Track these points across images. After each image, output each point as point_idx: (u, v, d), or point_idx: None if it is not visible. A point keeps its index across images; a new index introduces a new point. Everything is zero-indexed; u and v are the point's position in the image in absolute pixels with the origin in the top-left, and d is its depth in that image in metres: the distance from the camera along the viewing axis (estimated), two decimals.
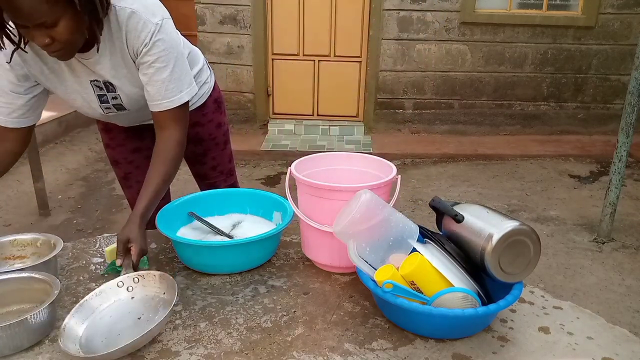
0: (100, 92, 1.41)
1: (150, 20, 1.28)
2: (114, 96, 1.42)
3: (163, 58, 1.32)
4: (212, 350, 1.05)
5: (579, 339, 1.10)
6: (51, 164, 4.50)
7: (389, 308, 1.14)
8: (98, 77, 1.37)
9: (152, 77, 1.33)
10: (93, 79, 1.37)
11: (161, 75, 1.33)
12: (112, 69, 1.35)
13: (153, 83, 1.34)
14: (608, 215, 3.29)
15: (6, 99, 1.35)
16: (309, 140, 5.24)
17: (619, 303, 2.69)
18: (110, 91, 1.41)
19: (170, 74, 1.34)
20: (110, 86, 1.39)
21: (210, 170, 1.83)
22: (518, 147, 5.08)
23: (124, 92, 1.41)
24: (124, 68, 1.36)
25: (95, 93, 1.41)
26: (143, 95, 1.40)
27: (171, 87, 1.35)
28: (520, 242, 1.09)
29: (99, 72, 1.35)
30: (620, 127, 3.15)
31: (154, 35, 1.28)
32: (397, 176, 1.37)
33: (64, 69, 1.35)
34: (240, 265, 1.35)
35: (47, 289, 1.11)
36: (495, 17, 5.20)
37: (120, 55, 1.33)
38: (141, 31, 1.28)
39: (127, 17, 1.27)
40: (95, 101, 1.43)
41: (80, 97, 1.42)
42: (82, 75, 1.36)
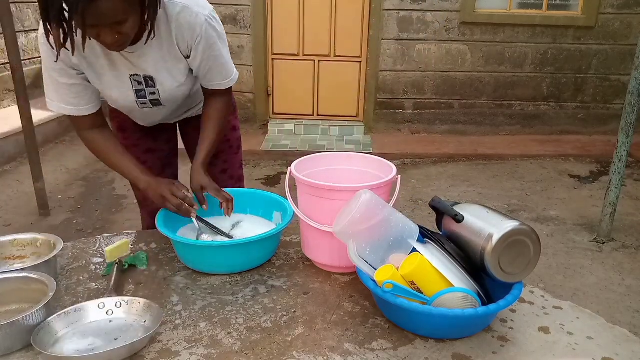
0: (139, 87, 1.43)
1: (202, 13, 1.35)
2: (152, 91, 1.45)
3: (217, 46, 1.42)
4: (212, 350, 1.05)
5: (579, 339, 1.10)
6: (51, 164, 4.50)
7: (389, 308, 1.14)
8: (139, 72, 1.40)
9: (212, 65, 1.44)
10: (133, 73, 1.40)
11: (219, 60, 1.45)
12: (156, 62, 1.38)
13: (213, 70, 1.46)
14: (608, 215, 3.29)
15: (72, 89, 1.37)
16: (309, 140, 5.24)
17: (619, 303, 2.69)
18: (150, 86, 1.44)
19: (224, 58, 1.46)
20: (150, 81, 1.42)
21: (220, 174, 1.82)
22: (518, 147, 5.08)
23: (164, 87, 1.45)
24: (168, 62, 1.40)
25: (133, 88, 1.43)
26: (181, 90, 1.48)
27: (228, 68, 1.49)
28: (520, 242, 1.09)
29: (142, 66, 1.38)
30: (620, 127, 3.15)
31: (207, 27, 1.37)
32: (397, 176, 1.37)
33: (104, 64, 1.36)
34: (240, 265, 1.35)
35: (44, 289, 1.11)
36: (495, 17, 5.20)
37: (167, 49, 1.37)
38: (195, 24, 1.34)
39: (179, 12, 1.32)
40: (132, 95, 1.45)
41: (118, 90, 1.43)
42: (122, 69, 1.39)
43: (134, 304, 1.13)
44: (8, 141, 4.45)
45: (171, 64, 1.41)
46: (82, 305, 1.12)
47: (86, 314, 1.11)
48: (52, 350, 1.02)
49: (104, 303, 1.13)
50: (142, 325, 1.10)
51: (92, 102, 1.42)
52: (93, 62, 1.36)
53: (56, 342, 1.05)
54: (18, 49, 3.36)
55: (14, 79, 3.34)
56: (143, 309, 1.12)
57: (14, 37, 3.29)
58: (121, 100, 1.47)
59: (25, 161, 3.98)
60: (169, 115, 1.65)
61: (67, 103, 1.39)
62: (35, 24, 5.59)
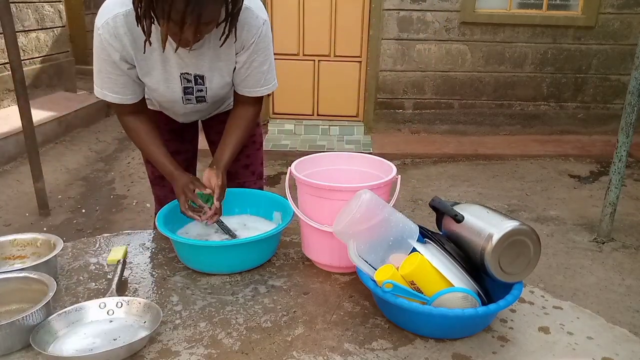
0: (187, 84, 1.46)
1: (260, 16, 1.39)
2: (200, 89, 1.47)
3: (265, 52, 1.44)
4: (212, 350, 1.05)
5: (579, 339, 1.10)
6: (51, 164, 4.50)
7: (389, 308, 1.14)
8: (190, 70, 1.42)
9: (255, 69, 1.45)
10: (184, 71, 1.42)
11: (262, 67, 1.46)
12: (211, 61, 1.41)
13: (254, 75, 1.46)
14: (608, 215, 3.29)
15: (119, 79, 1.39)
16: (309, 140, 5.24)
17: (619, 303, 2.69)
18: (198, 84, 1.46)
19: (269, 65, 1.48)
20: (199, 79, 1.45)
21: (242, 169, 1.82)
22: (518, 147, 5.08)
23: (212, 85, 1.47)
24: (222, 61, 1.42)
25: (182, 85, 1.45)
26: (226, 89, 1.51)
27: (268, 77, 1.50)
28: (520, 242, 1.09)
29: (196, 65, 1.41)
30: (620, 127, 3.15)
31: (262, 31, 1.40)
32: (397, 176, 1.37)
33: (157, 59, 1.38)
34: (240, 265, 1.35)
35: (44, 289, 1.11)
36: (495, 17, 5.20)
37: (224, 48, 1.39)
38: (253, 26, 1.38)
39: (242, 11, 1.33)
40: (179, 92, 1.47)
41: (165, 86, 1.45)
42: (174, 67, 1.41)
43: (134, 304, 1.13)
44: (8, 141, 4.45)
45: (224, 63, 1.43)
46: (82, 305, 1.12)
47: (86, 314, 1.11)
48: (52, 350, 1.02)
49: (105, 303, 1.13)
50: (141, 326, 1.10)
51: (136, 93, 1.45)
52: (147, 56, 1.38)
53: (56, 341, 1.04)
54: (18, 49, 3.36)
55: (14, 79, 3.34)
56: (143, 309, 1.12)
57: (14, 37, 3.29)
58: (167, 95, 1.48)
59: (25, 161, 3.98)
60: (205, 112, 1.67)
61: (113, 92, 1.42)
62: (35, 24, 5.59)
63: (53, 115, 5.13)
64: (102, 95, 1.42)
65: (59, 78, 6.04)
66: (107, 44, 1.31)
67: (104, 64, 1.37)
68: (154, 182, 1.85)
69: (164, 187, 1.81)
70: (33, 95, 5.17)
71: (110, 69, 1.37)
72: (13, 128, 4.48)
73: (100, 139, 5.34)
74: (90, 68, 6.39)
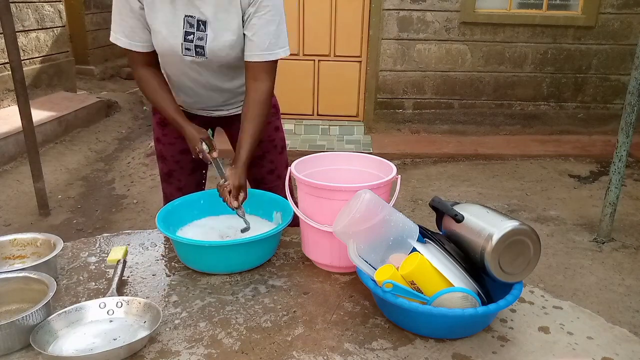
0: (190, 29, 1.47)
1: None
2: (201, 36, 1.48)
3: (273, 12, 1.46)
4: (212, 350, 1.05)
5: (579, 339, 1.10)
6: (51, 164, 4.50)
7: (389, 308, 1.14)
8: (194, 14, 1.45)
9: (260, 28, 1.46)
10: (189, 14, 1.45)
11: (269, 27, 1.46)
12: (215, 7, 1.44)
13: (260, 34, 1.46)
14: (608, 215, 3.29)
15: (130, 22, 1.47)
16: (309, 140, 5.24)
17: (618, 303, 2.69)
18: (200, 30, 1.47)
19: (276, 28, 1.48)
20: (202, 25, 1.47)
21: (267, 174, 1.83)
22: (518, 147, 5.08)
23: (214, 34, 1.48)
24: (225, 12, 1.45)
25: (183, 28, 1.47)
26: (226, 49, 1.50)
27: (274, 42, 1.48)
28: (520, 242, 1.09)
29: (200, 8, 1.44)
30: (620, 127, 3.15)
31: None
32: (397, 176, 1.37)
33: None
34: (240, 265, 1.35)
35: (44, 289, 1.11)
36: (495, 17, 5.20)
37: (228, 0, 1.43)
38: None
39: None
40: (179, 36, 1.49)
41: (167, 29, 1.47)
42: (180, 7, 1.44)
43: (134, 304, 1.13)
44: (8, 141, 4.45)
45: (227, 15, 1.46)
46: (82, 305, 1.12)
47: (86, 314, 1.11)
48: (52, 350, 1.02)
49: (105, 303, 1.13)
50: (141, 325, 1.10)
51: (144, 41, 1.51)
52: None
53: (56, 341, 1.04)
54: (18, 49, 3.36)
55: (14, 79, 3.34)
56: (143, 309, 1.12)
57: (13, 37, 3.29)
58: (169, 39, 1.49)
59: (25, 161, 3.98)
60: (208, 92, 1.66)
61: (124, 35, 1.49)
62: (35, 24, 5.59)
63: (53, 115, 5.13)
64: (115, 39, 1.50)
65: (59, 78, 6.04)
66: None
67: (119, 3, 1.44)
68: (163, 179, 1.86)
69: (171, 185, 1.82)
70: (33, 95, 5.17)
71: (123, 8, 1.44)
72: (13, 128, 4.48)
73: (100, 139, 5.34)
74: (90, 68, 6.39)
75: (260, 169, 1.83)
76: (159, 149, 1.81)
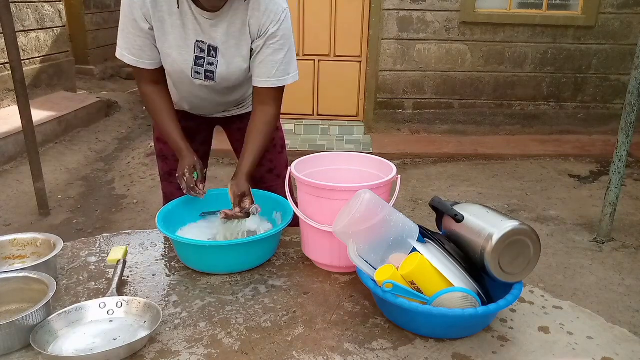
0: (200, 53, 1.48)
1: (281, 4, 1.44)
2: (211, 62, 1.49)
3: (282, 42, 1.46)
4: (212, 350, 1.05)
5: (579, 339, 1.10)
6: (51, 164, 4.50)
7: (389, 308, 1.14)
8: (205, 39, 1.45)
9: (268, 56, 1.46)
10: (200, 39, 1.45)
11: (277, 56, 1.47)
12: (225, 35, 1.44)
13: (268, 62, 1.47)
14: (608, 215, 3.29)
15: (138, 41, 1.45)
16: (309, 140, 5.24)
17: (618, 303, 2.69)
18: (211, 56, 1.48)
19: (284, 56, 1.48)
20: (212, 51, 1.47)
21: (266, 174, 1.83)
22: (518, 147, 5.08)
23: (224, 60, 1.49)
24: (235, 39, 1.45)
25: (194, 53, 1.47)
26: (237, 71, 1.51)
27: (282, 69, 1.49)
28: (520, 242, 1.09)
29: (211, 34, 1.44)
30: (620, 127, 3.15)
31: (281, 19, 1.43)
32: (397, 176, 1.37)
33: (175, 23, 1.43)
34: (240, 265, 1.35)
35: (44, 289, 1.11)
36: (495, 17, 5.20)
37: (239, 27, 1.43)
38: (272, 12, 1.42)
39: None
40: (190, 61, 1.49)
41: (177, 52, 1.47)
42: (191, 33, 1.44)
43: (134, 304, 1.13)
44: (8, 141, 4.45)
45: (237, 42, 1.46)
46: (82, 305, 1.12)
47: (86, 314, 1.11)
48: (52, 350, 1.02)
49: (105, 303, 1.13)
50: (141, 325, 1.10)
51: (152, 59, 1.49)
52: (165, 18, 1.42)
53: (56, 341, 1.04)
54: (18, 49, 3.36)
55: (13, 78, 3.34)
56: (143, 309, 1.12)
57: (13, 36, 3.29)
58: (179, 63, 1.49)
59: (25, 161, 3.98)
60: (212, 104, 1.68)
61: (131, 53, 1.47)
62: (35, 24, 5.59)
63: (53, 115, 5.13)
64: (121, 55, 1.48)
65: (59, 78, 6.04)
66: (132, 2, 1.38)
67: (126, 21, 1.43)
68: (163, 178, 1.86)
69: (172, 184, 1.82)
70: (33, 95, 5.17)
71: (132, 28, 1.43)
72: (13, 128, 4.48)
73: (100, 139, 5.34)
74: (89, 68, 6.39)
75: (260, 168, 1.82)
76: (160, 148, 1.82)
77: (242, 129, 1.61)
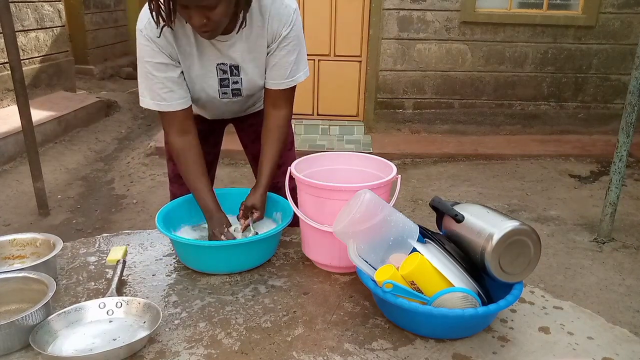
0: (224, 75, 1.47)
1: (291, 5, 1.42)
2: (236, 80, 1.49)
3: (295, 42, 1.45)
4: (212, 350, 1.05)
5: (579, 339, 1.10)
6: (51, 164, 4.50)
7: (389, 308, 1.13)
8: (226, 60, 1.44)
9: (282, 58, 1.46)
10: (220, 62, 1.44)
11: (290, 57, 1.47)
12: (244, 52, 1.44)
13: (281, 64, 1.47)
14: (608, 215, 3.29)
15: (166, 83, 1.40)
16: (309, 140, 5.24)
17: (619, 303, 2.69)
18: (234, 75, 1.48)
19: (297, 56, 1.48)
20: (235, 70, 1.47)
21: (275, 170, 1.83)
22: (518, 147, 5.08)
23: (247, 76, 1.48)
24: (254, 52, 1.46)
25: (218, 77, 1.47)
26: (260, 80, 1.51)
27: (294, 68, 1.49)
28: (521, 242, 1.08)
29: (231, 55, 1.43)
30: (621, 127, 3.15)
31: (293, 20, 1.42)
32: (397, 176, 1.37)
33: (194, 53, 1.41)
34: (240, 265, 1.35)
35: (44, 289, 1.11)
36: (495, 17, 5.19)
37: (255, 39, 1.42)
38: (283, 15, 1.41)
39: (272, 2, 1.38)
40: (215, 85, 1.49)
41: (203, 80, 1.47)
42: (211, 58, 1.43)
43: (134, 304, 1.13)
44: (7, 141, 4.45)
45: (257, 54, 1.45)
46: (82, 305, 1.12)
47: (86, 314, 1.11)
48: (52, 350, 1.02)
49: (105, 303, 1.13)
50: (141, 326, 1.09)
51: (181, 97, 1.44)
52: (185, 50, 1.40)
53: (55, 341, 1.04)
54: (17, 49, 3.36)
55: (13, 78, 3.34)
56: (143, 309, 1.12)
57: (13, 36, 3.29)
58: (206, 89, 1.49)
59: (25, 161, 3.98)
60: (232, 112, 1.69)
61: (159, 99, 1.42)
62: (34, 24, 5.59)
63: (52, 115, 5.13)
64: (150, 104, 1.43)
65: (59, 78, 6.04)
66: (152, 41, 1.34)
67: (149, 67, 1.38)
68: (172, 180, 1.85)
69: (182, 186, 1.79)
70: (32, 95, 5.17)
71: (157, 72, 1.38)
72: (12, 128, 4.48)
73: (99, 139, 5.34)
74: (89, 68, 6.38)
75: None
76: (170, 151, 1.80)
77: (254, 124, 1.60)
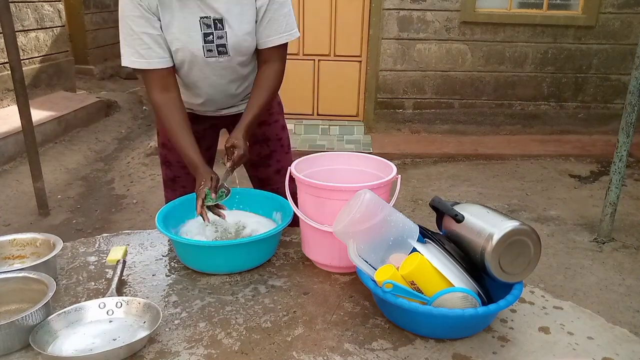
0: (207, 29, 1.46)
1: None
2: (220, 35, 1.48)
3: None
4: (212, 350, 1.05)
5: (579, 339, 1.10)
6: (50, 164, 4.50)
7: (389, 308, 1.13)
8: (208, 14, 1.44)
9: (276, 12, 1.49)
10: (203, 15, 1.44)
11: (283, 9, 1.50)
12: (228, 3, 1.44)
13: (276, 18, 1.49)
14: (608, 215, 3.29)
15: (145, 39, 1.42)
16: (309, 140, 5.24)
17: (619, 303, 2.69)
18: (218, 29, 1.47)
19: (289, 9, 1.52)
20: (219, 24, 1.46)
21: (274, 174, 1.81)
22: (518, 147, 5.08)
23: (232, 30, 1.48)
24: (238, 5, 1.45)
25: (201, 31, 1.46)
26: (247, 41, 1.50)
27: (290, 22, 1.53)
28: (521, 242, 1.08)
29: (213, 7, 1.43)
30: (621, 127, 3.15)
31: None
32: (397, 176, 1.36)
33: (175, 6, 1.42)
34: (240, 265, 1.35)
35: (44, 289, 1.11)
36: (495, 17, 5.19)
37: None
38: None
39: None
40: (199, 40, 1.47)
41: (185, 35, 1.46)
42: (193, 11, 1.43)
43: (134, 304, 1.13)
44: (7, 141, 4.45)
45: (242, 7, 1.46)
46: (82, 305, 1.12)
47: (86, 314, 1.11)
48: (51, 350, 1.02)
49: (105, 303, 1.13)
50: (141, 326, 1.09)
51: (161, 56, 1.45)
52: (166, 3, 1.41)
53: (55, 341, 1.04)
54: (17, 49, 3.36)
55: (13, 78, 3.34)
56: (143, 309, 1.12)
57: (13, 36, 3.29)
58: (188, 45, 1.47)
59: (25, 161, 3.98)
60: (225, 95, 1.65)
61: (138, 55, 1.43)
62: (34, 24, 5.59)
63: (52, 115, 5.13)
64: (129, 62, 1.45)
65: (59, 78, 6.04)
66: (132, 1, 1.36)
67: (129, 22, 1.40)
68: (166, 184, 1.83)
69: (175, 192, 1.78)
70: (32, 95, 5.17)
71: (136, 27, 1.40)
72: (12, 128, 4.48)
73: (99, 139, 5.34)
74: (89, 68, 6.38)
75: (267, 168, 1.81)
76: (164, 154, 1.79)
77: None
